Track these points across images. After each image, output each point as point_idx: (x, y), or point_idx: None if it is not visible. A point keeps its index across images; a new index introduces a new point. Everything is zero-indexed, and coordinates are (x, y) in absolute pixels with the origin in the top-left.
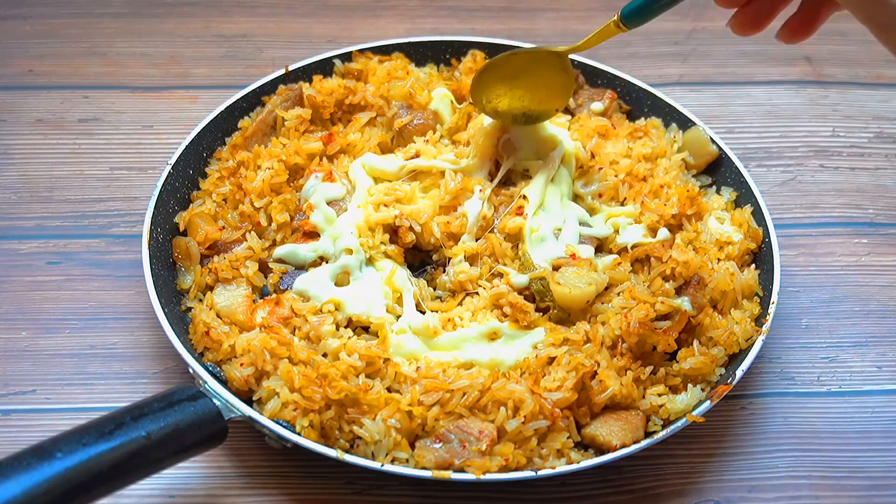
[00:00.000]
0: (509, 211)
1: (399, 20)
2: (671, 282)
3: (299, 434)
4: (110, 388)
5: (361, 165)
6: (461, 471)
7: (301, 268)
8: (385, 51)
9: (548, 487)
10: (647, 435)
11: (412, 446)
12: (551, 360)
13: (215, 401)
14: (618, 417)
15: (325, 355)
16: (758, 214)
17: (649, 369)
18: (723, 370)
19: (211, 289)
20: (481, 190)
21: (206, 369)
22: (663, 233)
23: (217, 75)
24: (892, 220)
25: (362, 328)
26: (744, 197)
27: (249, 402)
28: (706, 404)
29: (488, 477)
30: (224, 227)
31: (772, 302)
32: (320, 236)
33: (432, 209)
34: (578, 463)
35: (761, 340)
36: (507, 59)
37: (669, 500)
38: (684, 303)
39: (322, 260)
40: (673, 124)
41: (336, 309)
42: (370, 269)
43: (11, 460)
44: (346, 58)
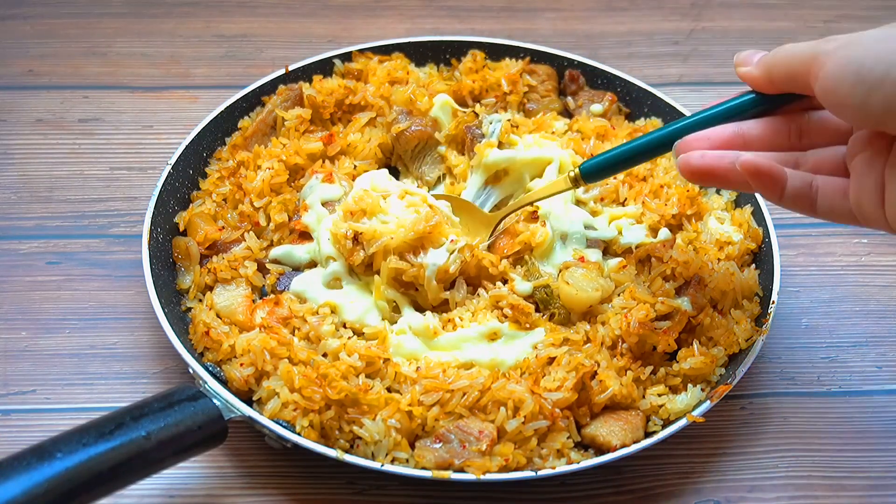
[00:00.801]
0: (524, 218)
1: (399, 20)
2: (671, 282)
3: (299, 434)
4: (110, 388)
5: (370, 178)
6: (461, 471)
7: (297, 269)
8: (385, 51)
9: (548, 487)
10: (647, 435)
11: (412, 446)
12: (551, 360)
13: (215, 401)
14: (618, 417)
15: (324, 355)
16: (758, 214)
17: (649, 369)
18: (723, 370)
19: (210, 289)
20: (453, 241)
21: (206, 369)
22: (664, 233)
23: (217, 75)
24: None
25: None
26: (744, 197)
27: (249, 403)
28: (706, 404)
29: (488, 477)
30: (224, 227)
31: (772, 302)
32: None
33: (398, 234)
34: (578, 463)
35: (761, 340)
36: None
37: (669, 500)
38: (684, 303)
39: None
40: None
41: (332, 312)
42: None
43: (11, 460)
44: (346, 58)
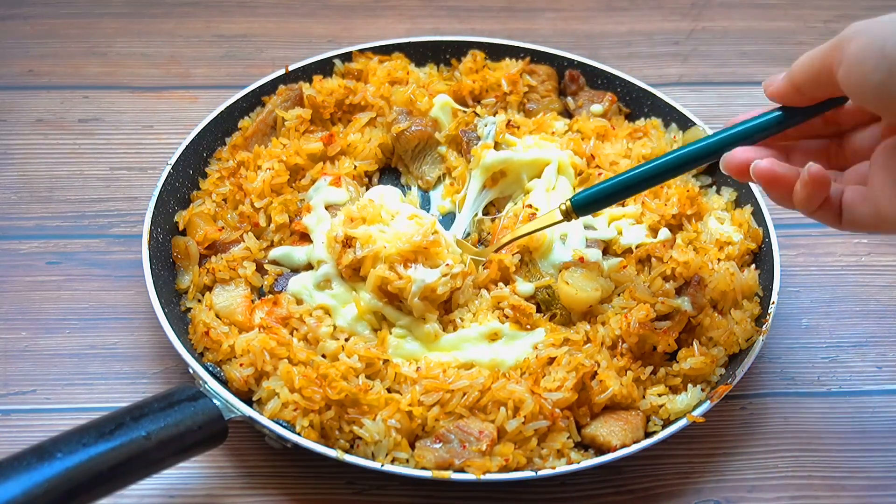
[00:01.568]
0: (522, 219)
1: (399, 20)
2: (671, 282)
3: (299, 434)
4: (110, 388)
5: (381, 193)
6: (461, 471)
7: (296, 270)
8: (385, 51)
9: (548, 487)
10: (648, 435)
11: (412, 446)
12: (551, 360)
13: (215, 401)
14: (618, 417)
15: (323, 356)
16: (758, 214)
17: (649, 369)
18: (723, 370)
19: (210, 289)
20: (448, 265)
21: (206, 369)
22: (664, 233)
23: (217, 75)
24: None
25: None
26: (744, 197)
27: (249, 403)
28: (706, 404)
29: (488, 477)
30: (223, 228)
31: (772, 302)
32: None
33: (393, 243)
34: (578, 463)
35: (761, 340)
36: None
37: (669, 500)
38: (684, 303)
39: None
40: (673, 124)
41: (327, 314)
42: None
43: (11, 460)
44: (346, 58)
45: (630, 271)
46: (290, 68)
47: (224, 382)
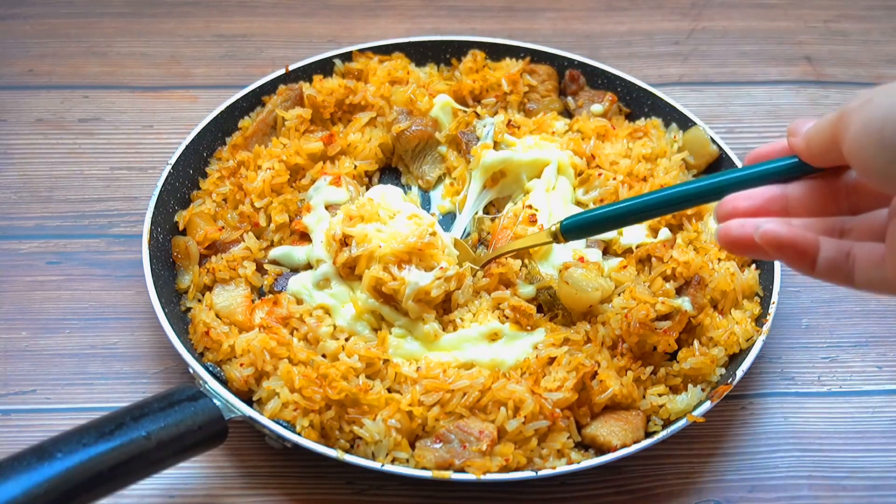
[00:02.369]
0: (522, 220)
1: (399, 20)
2: (672, 282)
3: (299, 434)
4: (110, 388)
5: (382, 192)
6: (461, 471)
7: (296, 270)
8: (385, 51)
9: (548, 487)
10: (648, 435)
11: (412, 446)
12: (552, 360)
13: (215, 401)
14: (618, 417)
15: (324, 356)
16: None
17: (650, 369)
18: (723, 370)
19: (210, 289)
20: (443, 268)
21: (206, 369)
22: (664, 233)
23: (217, 75)
24: None
25: None
26: None
27: (249, 403)
28: (706, 404)
29: (488, 477)
30: (223, 228)
31: (772, 302)
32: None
33: (388, 243)
34: (578, 463)
35: (761, 340)
36: None
37: (669, 500)
38: (685, 303)
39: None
40: (673, 124)
41: (327, 314)
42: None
43: (11, 460)
44: (347, 58)
45: (630, 271)
46: (291, 68)
47: (224, 382)
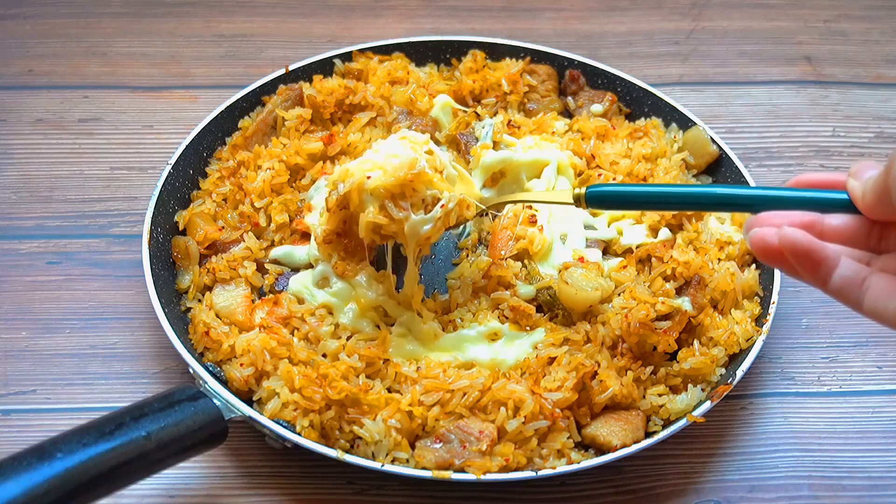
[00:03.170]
0: (522, 221)
1: (399, 20)
2: (672, 282)
3: (299, 434)
4: (110, 388)
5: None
6: (461, 471)
7: (297, 269)
8: (385, 51)
9: (548, 487)
10: (648, 435)
11: (412, 446)
12: (552, 360)
13: (216, 401)
14: (618, 417)
15: (324, 356)
16: None
17: (650, 369)
18: (723, 370)
19: (210, 289)
20: (443, 206)
21: (207, 369)
22: (664, 233)
23: (217, 75)
24: None
25: None
26: None
27: (250, 403)
28: (706, 404)
29: (488, 477)
30: (223, 228)
31: (772, 302)
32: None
33: (375, 176)
34: (578, 463)
35: (761, 340)
36: None
37: (669, 500)
38: (685, 303)
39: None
40: (673, 124)
41: (329, 313)
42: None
43: (11, 460)
44: (347, 58)
45: (630, 271)
46: (290, 68)
47: (224, 382)
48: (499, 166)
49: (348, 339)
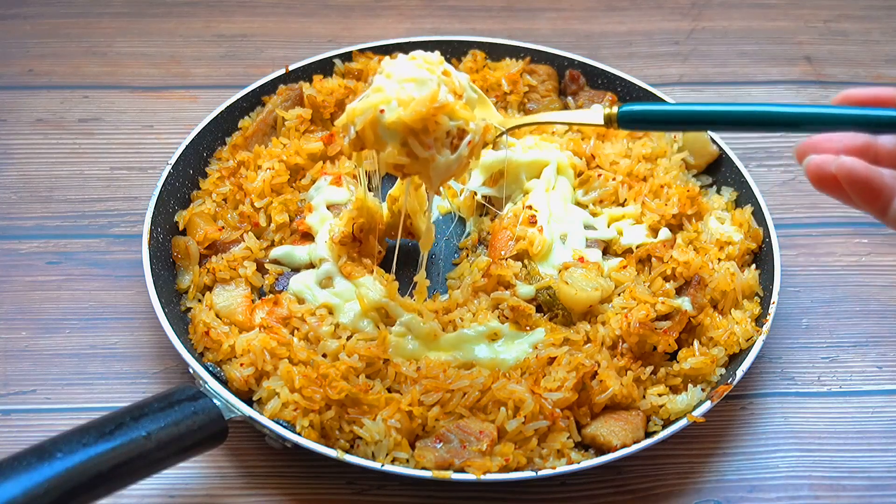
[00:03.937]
0: (522, 221)
1: (399, 20)
2: (672, 282)
3: (299, 434)
4: (110, 388)
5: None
6: (461, 471)
7: (297, 269)
8: (385, 51)
9: (548, 487)
10: (648, 435)
11: (412, 446)
12: (551, 360)
13: (215, 401)
14: (618, 417)
15: (324, 356)
16: (758, 214)
17: (650, 369)
18: (723, 370)
19: (210, 289)
20: (470, 142)
21: (207, 369)
22: (664, 233)
23: (217, 75)
24: None
25: None
26: (744, 197)
27: (249, 403)
28: (706, 404)
29: (488, 477)
30: (223, 228)
31: (772, 302)
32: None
33: (391, 109)
34: (578, 463)
35: (761, 340)
36: None
37: (669, 500)
38: (685, 303)
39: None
40: None
41: (329, 313)
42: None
43: (11, 460)
44: (347, 57)
45: (630, 271)
46: (290, 68)
47: (224, 382)
48: (498, 166)
49: (348, 338)
